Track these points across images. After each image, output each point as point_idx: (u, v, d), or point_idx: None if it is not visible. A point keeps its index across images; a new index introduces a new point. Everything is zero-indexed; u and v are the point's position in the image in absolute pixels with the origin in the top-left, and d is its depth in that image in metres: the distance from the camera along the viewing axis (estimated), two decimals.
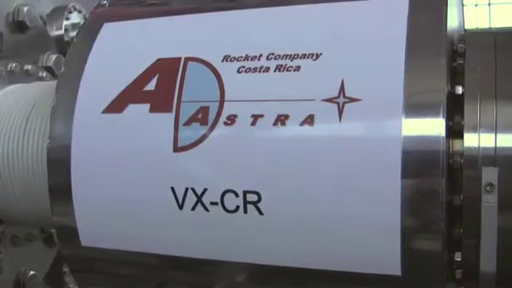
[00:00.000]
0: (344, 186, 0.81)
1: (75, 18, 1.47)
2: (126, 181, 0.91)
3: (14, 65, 1.23)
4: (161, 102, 0.89)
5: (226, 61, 0.89)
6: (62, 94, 0.97)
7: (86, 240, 0.95)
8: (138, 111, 0.90)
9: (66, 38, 1.45)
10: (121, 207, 0.92)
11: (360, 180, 0.80)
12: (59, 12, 1.45)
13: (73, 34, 1.46)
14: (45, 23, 1.42)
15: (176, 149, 0.88)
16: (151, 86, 0.91)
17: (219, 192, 0.86)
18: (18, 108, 1.15)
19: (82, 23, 1.45)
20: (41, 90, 1.18)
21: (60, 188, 0.95)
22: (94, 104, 0.93)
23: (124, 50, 0.96)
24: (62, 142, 0.94)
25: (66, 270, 1.44)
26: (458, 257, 0.85)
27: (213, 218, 0.87)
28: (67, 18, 1.46)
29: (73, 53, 0.99)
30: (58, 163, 0.95)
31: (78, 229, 0.95)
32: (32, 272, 1.31)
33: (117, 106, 0.91)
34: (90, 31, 0.99)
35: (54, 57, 1.37)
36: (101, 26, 0.99)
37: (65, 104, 0.96)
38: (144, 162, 0.90)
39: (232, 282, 0.91)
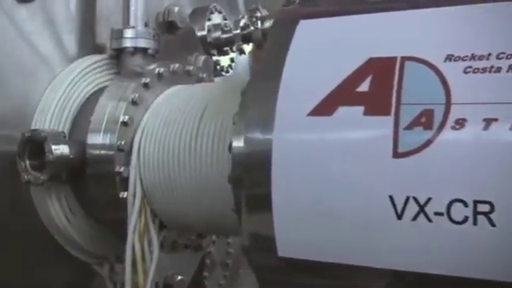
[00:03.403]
0: None
1: (216, 18, 1.44)
2: (335, 188, 0.85)
3: (176, 65, 1.19)
4: (377, 104, 0.83)
5: (450, 60, 0.82)
6: (256, 96, 0.92)
7: (283, 250, 0.90)
8: (350, 114, 0.85)
9: (208, 39, 1.42)
10: (327, 216, 0.86)
11: None
12: (201, 13, 1.42)
13: (215, 34, 1.43)
14: None
15: (396, 154, 0.81)
16: (364, 87, 0.85)
17: (445, 202, 0.80)
18: (189, 109, 1.11)
19: (222, 24, 1.41)
20: (210, 91, 1.14)
21: (257, 195, 0.90)
22: (298, 106, 0.88)
23: (328, 48, 0.90)
24: (261, 146, 0.89)
25: (206, 274, 1.41)
26: None
27: (436, 229, 0.81)
28: (209, 19, 1.43)
29: (267, 52, 0.94)
30: (256, 169, 0.90)
31: (275, 238, 0.89)
32: (180, 277, 1.28)
33: (325, 108, 0.86)
34: (284, 29, 0.94)
35: (202, 58, 1.33)
36: (296, 23, 0.93)
37: (262, 106, 0.91)
38: (357, 168, 0.84)
39: None
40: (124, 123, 1.12)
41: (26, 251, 1.19)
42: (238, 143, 0.93)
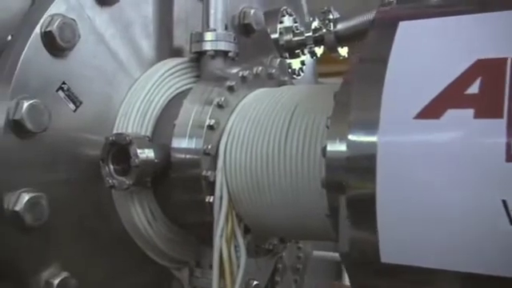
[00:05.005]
0: None
1: (287, 21, 1.43)
2: (443, 192, 0.84)
3: (259, 69, 1.18)
4: (488, 106, 0.81)
5: None
6: (358, 99, 0.90)
7: (387, 256, 0.88)
8: (459, 117, 0.83)
9: (280, 42, 1.41)
10: (435, 220, 0.84)
11: None
12: (273, 15, 1.41)
13: (286, 37, 1.42)
14: None
15: (509, 158, 0.79)
16: (473, 89, 0.83)
17: None
18: (277, 111, 1.10)
19: (293, 27, 1.40)
20: (298, 94, 1.13)
21: (359, 199, 0.89)
22: (403, 109, 0.86)
23: (432, 50, 0.89)
24: (364, 149, 0.88)
25: (278, 279, 1.40)
26: None
27: None
28: (281, 22, 1.42)
29: (367, 55, 0.93)
30: (359, 173, 0.88)
31: (379, 244, 0.87)
32: (256, 282, 1.27)
33: (433, 110, 0.84)
34: (383, 31, 0.92)
35: (277, 60, 1.32)
36: (396, 25, 0.92)
37: (365, 109, 0.89)
38: (468, 172, 0.82)
39: None
40: (210, 127, 1.12)
41: (109, 255, 1.19)
42: (335, 147, 0.92)
